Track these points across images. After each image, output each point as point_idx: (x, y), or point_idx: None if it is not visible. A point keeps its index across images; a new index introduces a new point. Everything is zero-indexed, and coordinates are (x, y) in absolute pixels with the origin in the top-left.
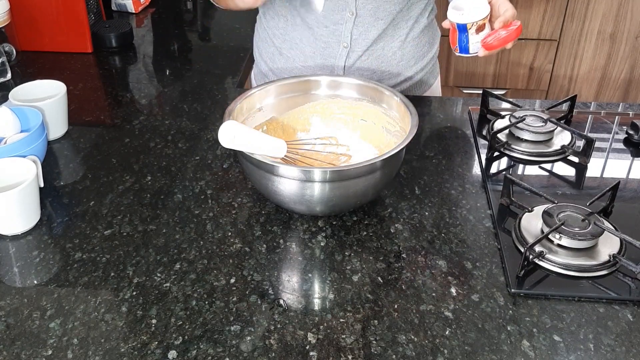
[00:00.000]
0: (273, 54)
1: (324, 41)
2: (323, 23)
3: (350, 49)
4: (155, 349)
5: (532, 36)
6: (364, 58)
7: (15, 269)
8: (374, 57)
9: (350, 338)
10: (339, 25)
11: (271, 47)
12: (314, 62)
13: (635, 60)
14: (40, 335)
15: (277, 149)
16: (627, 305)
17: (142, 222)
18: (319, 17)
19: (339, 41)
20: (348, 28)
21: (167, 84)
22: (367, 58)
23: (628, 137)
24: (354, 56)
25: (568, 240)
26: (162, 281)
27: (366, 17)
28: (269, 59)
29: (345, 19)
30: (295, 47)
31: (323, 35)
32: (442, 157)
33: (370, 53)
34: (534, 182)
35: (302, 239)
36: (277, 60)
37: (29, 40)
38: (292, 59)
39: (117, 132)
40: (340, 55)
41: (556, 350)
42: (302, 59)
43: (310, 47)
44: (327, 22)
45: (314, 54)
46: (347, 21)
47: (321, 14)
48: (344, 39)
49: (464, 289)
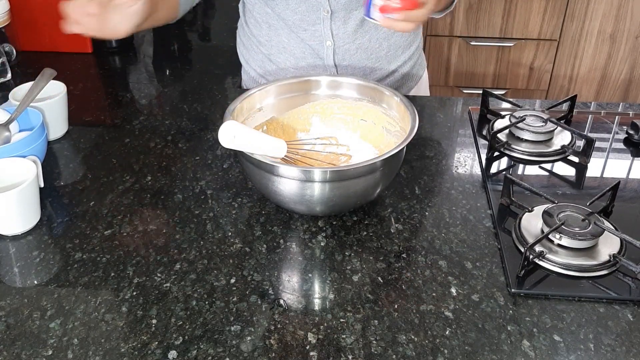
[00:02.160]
0: (262, 61)
1: (309, 43)
2: (302, 26)
3: (335, 45)
4: (155, 349)
5: (532, 36)
6: (352, 53)
7: (15, 269)
8: (362, 51)
9: (350, 338)
10: (317, 25)
11: (259, 55)
12: (305, 63)
13: (635, 60)
14: (41, 336)
15: (277, 149)
16: (627, 305)
17: (142, 222)
18: (296, 20)
19: (321, 40)
20: (327, 26)
21: (167, 84)
22: (355, 53)
23: (628, 137)
24: (341, 52)
25: (568, 240)
26: (162, 281)
27: (341, 12)
28: (257, 66)
29: (321, 17)
30: (284, 51)
31: (306, 38)
32: (442, 157)
33: (357, 47)
34: (534, 182)
35: (302, 239)
36: (267, 66)
37: (29, 40)
38: (283, 63)
39: (117, 132)
40: (327, 55)
41: (556, 350)
42: (292, 62)
43: (299, 49)
44: (305, 25)
45: (303, 55)
46: (324, 19)
47: (298, 17)
48: (325, 38)
49: (464, 289)
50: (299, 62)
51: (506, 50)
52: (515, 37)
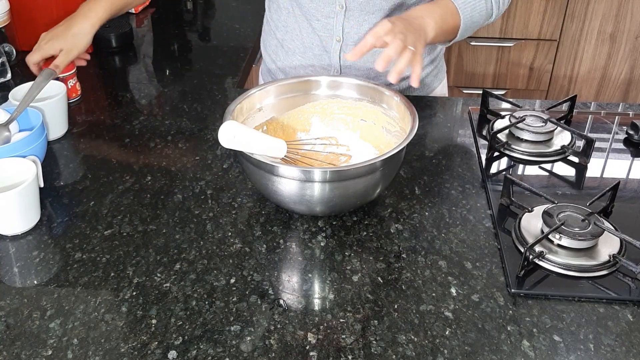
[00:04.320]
0: (276, 47)
1: (319, 34)
2: (315, 16)
3: (344, 43)
4: (155, 349)
5: (532, 36)
6: None
7: (15, 269)
8: (370, 53)
9: (350, 338)
10: (330, 18)
11: (274, 40)
12: (312, 53)
13: (635, 60)
14: (40, 336)
15: (277, 149)
16: (627, 305)
17: (142, 222)
18: (311, 9)
19: (331, 35)
20: (339, 21)
21: (167, 84)
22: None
23: (628, 137)
24: (348, 51)
25: (568, 240)
26: (162, 281)
27: (356, 11)
28: (272, 53)
29: (335, 12)
30: (296, 38)
31: (318, 29)
32: (442, 157)
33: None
34: (534, 182)
35: (302, 239)
36: (279, 54)
37: (29, 40)
38: (293, 51)
39: (117, 132)
40: (334, 50)
41: (556, 350)
42: (301, 50)
43: (309, 38)
44: (319, 15)
45: (312, 45)
46: (338, 14)
47: (313, 5)
48: (336, 33)
49: (464, 289)
50: (307, 51)
51: (506, 51)
52: (515, 37)
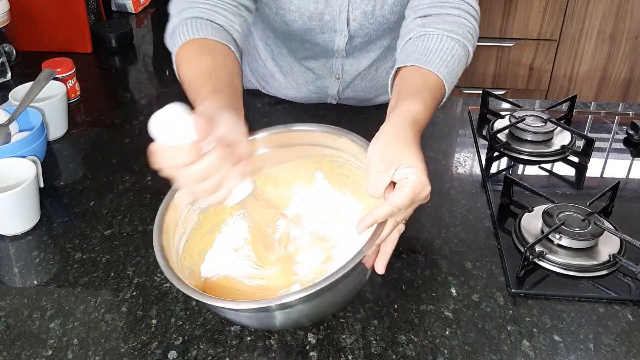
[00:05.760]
0: (265, 75)
1: (316, 73)
2: (312, 58)
3: (343, 79)
4: (155, 349)
5: (532, 36)
6: (357, 82)
7: (15, 269)
8: (367, 80)
9: (350, 338)
10: (330, 59)
11: (263, 69)
12: (306, 89)
13: (635, 60)
14: (40, 336)
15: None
16: (627, 305)
17: (142, 222)
18: (307, 55)
19: (330, 73)
20: (339, 62)
21: (167, 84)
22: (360, 82)
23: (628, 137)
24: (347, 84)
25: (568, 240)
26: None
27: (354, 53)
28: (261, 79)
29: (334, 57)
30: (287, 74)
31: (314, 68)
32: (442, 157)
33: (364, 76)
34: (534, 182)
35: None
36: (269, 81)
37: (29, 40)
38: (285, 86)
39: (117, 132)
40: (332, 85)
41: (556, 350)
42: (294, 86)
43: (302, 77)
44: (317, 57)
45: (306, 82)
46: (337, 58)
47: (310, 54)
48: (335, 71)
49: (464, 289)
50: (301, 87)
51: (506, 50)
52: (515, 37)
